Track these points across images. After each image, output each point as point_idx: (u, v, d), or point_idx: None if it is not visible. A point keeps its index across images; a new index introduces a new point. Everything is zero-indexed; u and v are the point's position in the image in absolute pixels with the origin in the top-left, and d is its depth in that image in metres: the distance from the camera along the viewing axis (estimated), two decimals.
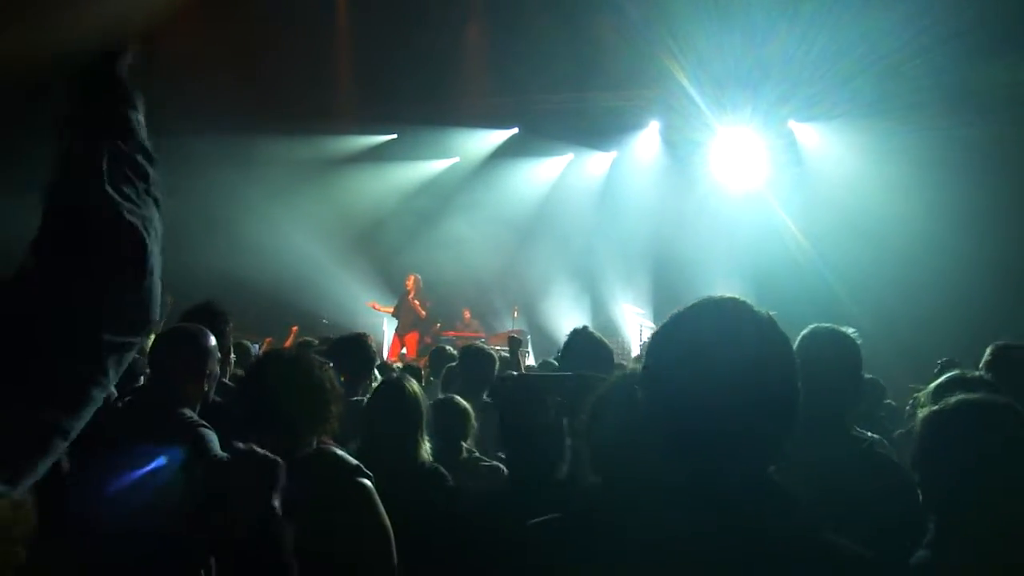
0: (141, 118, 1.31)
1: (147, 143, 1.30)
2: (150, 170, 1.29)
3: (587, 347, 3.82)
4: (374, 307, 13.79)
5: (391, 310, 13.56)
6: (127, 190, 1.22)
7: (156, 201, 1.28)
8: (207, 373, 3.26)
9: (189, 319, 3.70)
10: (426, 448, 3.40)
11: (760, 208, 14.31)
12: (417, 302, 13.35)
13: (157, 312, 1.20)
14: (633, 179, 15.47)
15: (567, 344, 3.90)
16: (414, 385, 3.47)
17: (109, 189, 1.19)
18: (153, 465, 2.30)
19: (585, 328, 4.01)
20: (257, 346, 10.02)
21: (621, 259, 15.35)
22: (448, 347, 7.05)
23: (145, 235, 1.20)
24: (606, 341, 3.95)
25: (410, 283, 13.54)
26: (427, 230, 15.92)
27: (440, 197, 16.28)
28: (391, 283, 14.41)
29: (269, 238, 14.54)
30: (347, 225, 15.62)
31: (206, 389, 3.28)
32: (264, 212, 14.65)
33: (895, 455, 2.87)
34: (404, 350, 13.40)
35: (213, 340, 3.33)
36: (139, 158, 1.27)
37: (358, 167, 16.30)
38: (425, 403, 3.50)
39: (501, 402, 2.83)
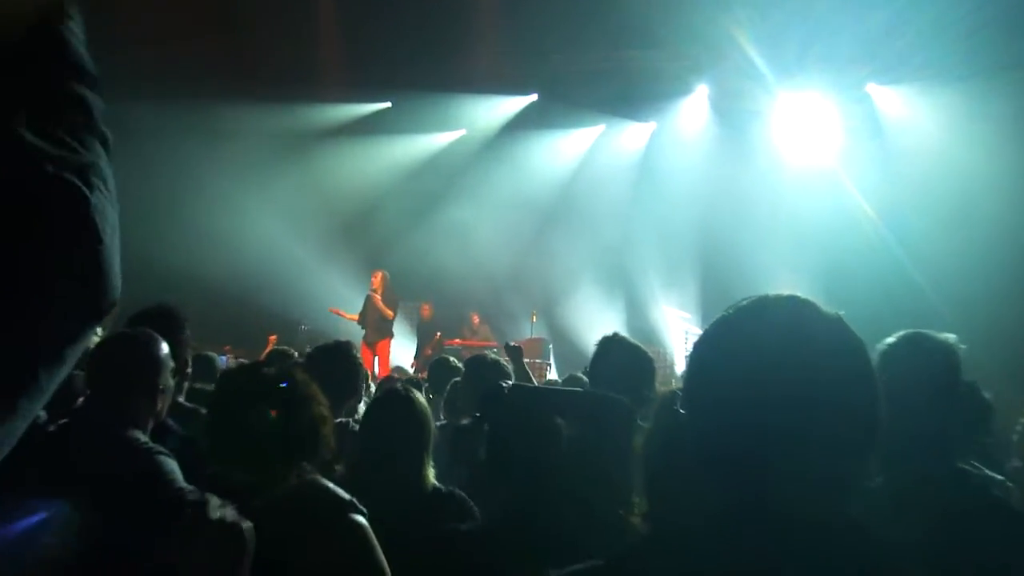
0: (77, 30, 1.08)
1: (85, 58, 1.08)
2: (89, 96, 1.07)
3: (622, 359, 3.80)
4: (338, 313, 13.79)
5: (356, 317, 13.61)
6: (54, 129, 1.02)
7: (103, 140, 1.08)
8: (160, 388, 3.24)
9: (137, 324, 3.68)
10: (431, 472, 3.42)
11: (831, 189, 14.24)
12: (381, 301, 13.42)
13: (115, 289, 1.08)
14: (677, 155, 15.46)
15: (597, 355, 3.90)
16: (421, 398, 3.49)
17: (25, 132, 0.98)
18: (33, 520, 2.30)
19: (617, 335, 4.01)
20: (224, 358, 10.08)
21: (662, 251, 15.36)
22: (451, 358, 7.05)
23: (86, 191, 1.02)
24: (646, 350, 3.94)
25: (376, 280, 13.54)
26: (428, 217, 15.97)
27: (443, 177, 16.32)
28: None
29: (236, 227, 14.58)
30: (331, 211, 15.70)
31: (159, 407, 3.25)
32: (230, 195, 14.68)
33: (1017, 496, 2.78)
34: (376, 361, 13.43)
35: (166, 348, 3.30)
36: (71, 80, 1.06)
37: (345, 141, 16.37)
38: (432, 420, 3.52)
39: (493, 417, 2.79)
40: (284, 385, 2.81)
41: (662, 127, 16.16)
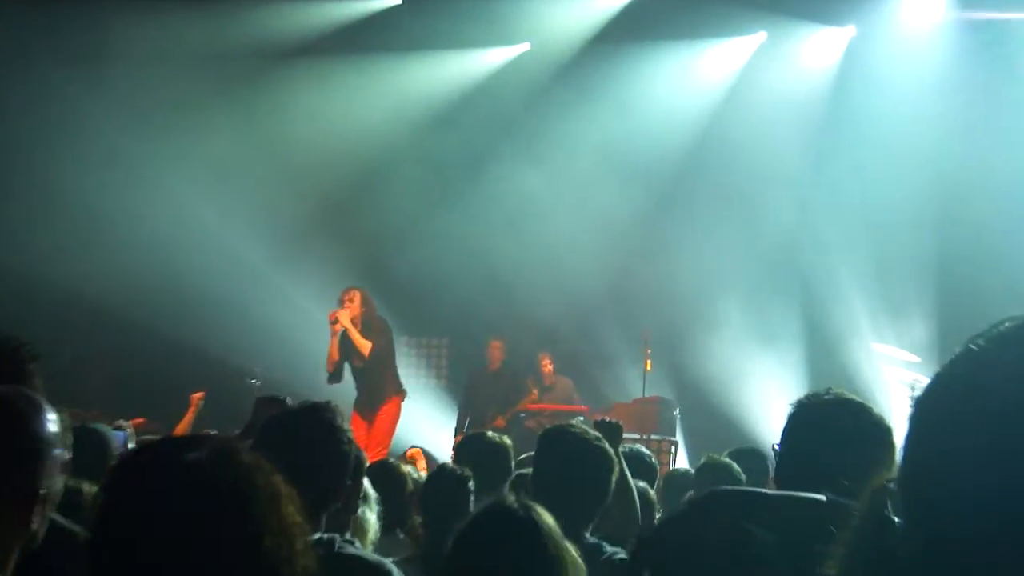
0: None
1: None
2: None
3: (835, 433, 3.79)
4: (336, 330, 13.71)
5: (334, 353, 13.56)
6: None
7: None
8: (39, 493, 3.18)
9: None
10: None
11: None
12: (358, 331, 13.48)
13: None
14: (892, 82, 15.44)
15: (793, 428, 3.91)
16: (550, 522, 3.55)
17: None
18: None
19: (832, 392, 3.98)
20: (123, 434, 10.15)
21: (870, 249, 15.36)
22: (490, 434, 7.18)
23: None
24: (881, 418, 3.91)
25: (353, 301, 13.56)
26: (463, 193, 16.24)
27: (490, 125, 16.55)
28: (388, 299, 14.58)
29: (142, 211, 14.84)
30: (300, 185, 15.97)
31: (34, 526, 3.18)
32: (131, 158, 14.91)
33: None
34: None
35: (54, 422, 3.24)
36: None
37: (323, 66, 16.62)
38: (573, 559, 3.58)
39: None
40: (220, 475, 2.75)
41: (866, 34, 16.15)
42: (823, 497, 2.93)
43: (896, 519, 1.43)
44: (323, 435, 4.54)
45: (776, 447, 3.97)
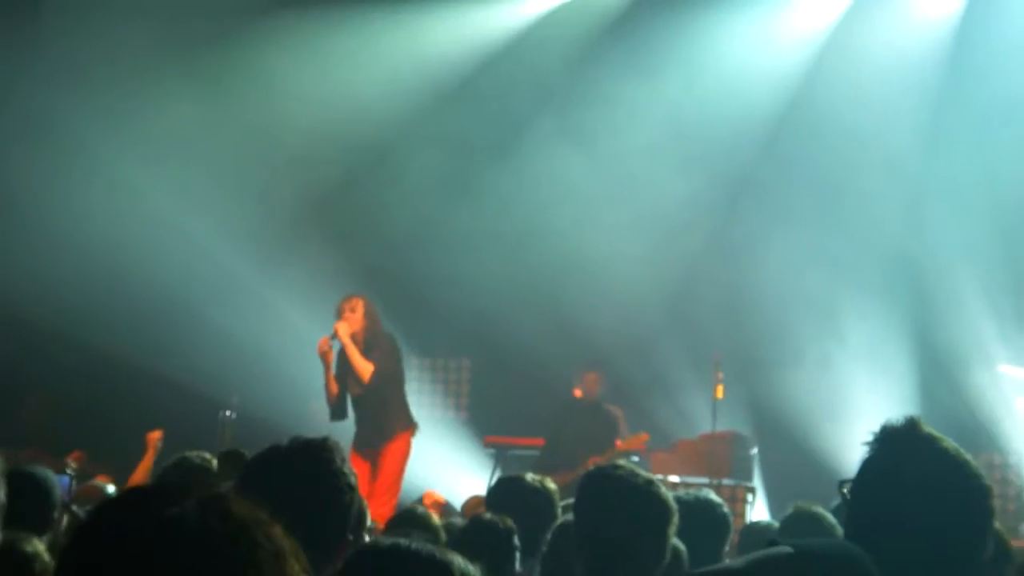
0: None
1: None
2: None
3: (918, 487, 3.71)
4: (325, 357, 13.52)
5: (332, 384, 13.55)
6: None
7: None
8: None
9: None
10: None
11: None
12: (356, 349, 13.37)
13: None
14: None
15: (865, 474, 3.83)
16: None
17: None
18: None
19: (916, 426, 3.85)
20: (67, 478, 10.23)
21: (999, 251, 15.17)
22: (530, 477, 7.20)
23: None
24: (974, 467, 3.79)
25: (356, 311, 13.47)
26: (489, 181, 16.26)
27: (522, 96, 16.58)
28: (394, 312, 14.45)
29: (76, 195, 14.80)
30: (286, 170, 16.02)
31: None
32: (62, 128, 14.90)
33: None
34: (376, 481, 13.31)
35: None
36: None
37: (312, 20, 16.50)
38: None
39: None
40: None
41: None
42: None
43: None
44: (320, 480, 4.58)
45: (846, 493, 3.93)
